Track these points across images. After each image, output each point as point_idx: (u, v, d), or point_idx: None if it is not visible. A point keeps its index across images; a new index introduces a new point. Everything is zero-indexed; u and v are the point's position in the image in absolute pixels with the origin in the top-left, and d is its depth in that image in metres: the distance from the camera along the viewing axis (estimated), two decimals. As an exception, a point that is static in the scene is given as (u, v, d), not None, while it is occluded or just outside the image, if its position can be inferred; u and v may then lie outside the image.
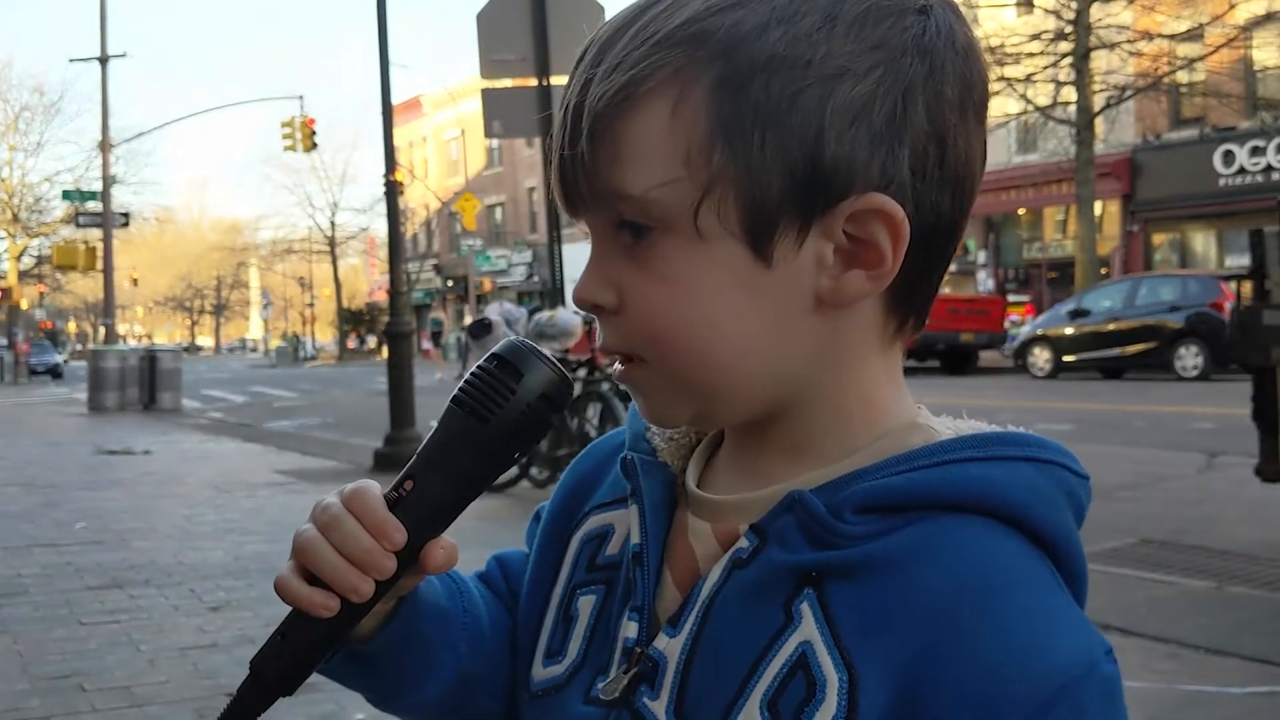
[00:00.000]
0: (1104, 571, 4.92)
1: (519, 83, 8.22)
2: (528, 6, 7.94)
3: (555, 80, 7.87)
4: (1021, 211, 30.52)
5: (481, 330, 7.97)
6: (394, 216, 11.01)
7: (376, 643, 0.75)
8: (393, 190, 10.85)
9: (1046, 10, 23.49)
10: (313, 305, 71.79)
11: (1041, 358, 19.30)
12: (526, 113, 7.94)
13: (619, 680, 0.70)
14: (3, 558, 6.12)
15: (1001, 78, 22.16)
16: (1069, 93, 23.11)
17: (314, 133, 27.84)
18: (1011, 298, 27.49)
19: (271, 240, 67.31)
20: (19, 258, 42.69)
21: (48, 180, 44.78)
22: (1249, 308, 5.46)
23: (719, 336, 0.65)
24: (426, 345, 37.81)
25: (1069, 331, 18.93)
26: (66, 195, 30.23)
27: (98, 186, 28.38)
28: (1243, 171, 25.06)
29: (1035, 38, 23.27)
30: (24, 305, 42.43)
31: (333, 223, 57.14)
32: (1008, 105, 24.67)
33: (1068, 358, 18.85)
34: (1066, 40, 22.73)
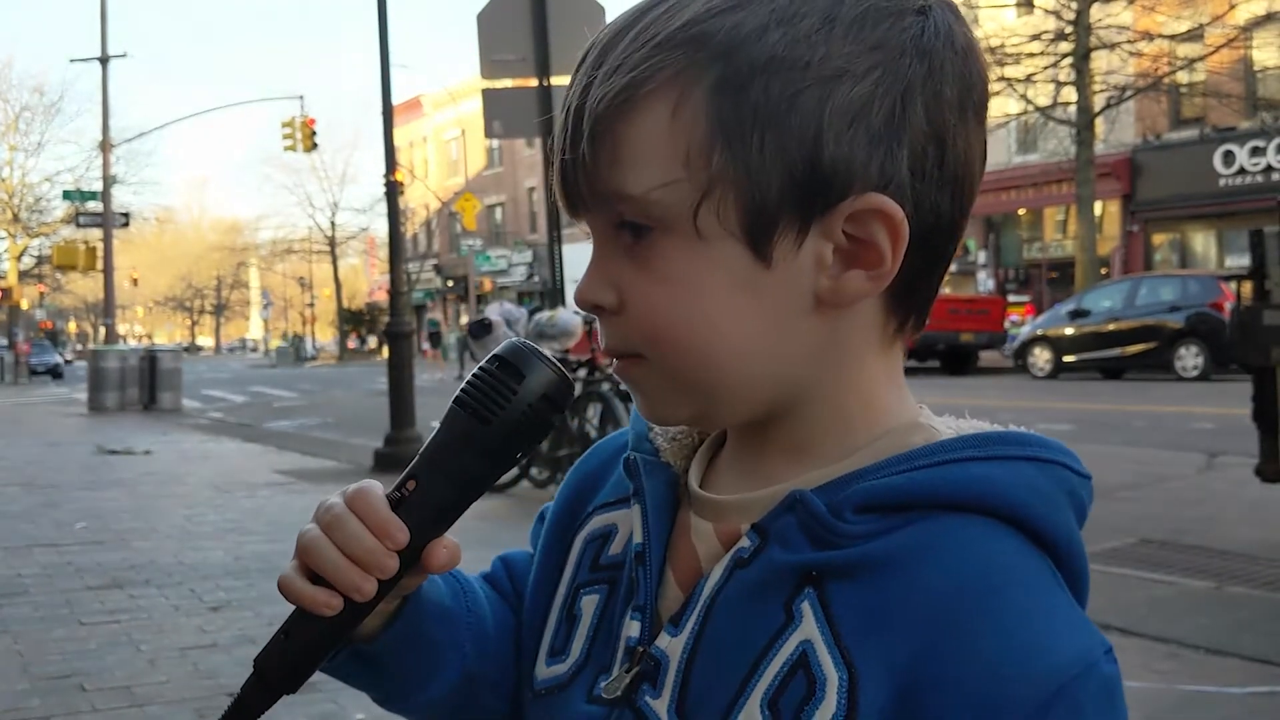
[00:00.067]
0: (1104, 571, 4.92)
1: (519, 83, 8.22)
2: (528, 7, 7.94)
3: (555, 81, 7.87)
4: (1021, 212, 30.51)
5: (481, 330, 7.96)
6: (394, 216, 11.02)
7: (381, 642, 0.76)
8: (393, 190, 10.86)
9: (1047, 10, 23.50)
10: (313, 305, 71.79)
11: (1042, 358, 19.29)
12: (527, 113, 7.94)
13: (621, 679, 0.70)
14: (3, 558, 6.12)
15: (1002, 78, 22.15)
16: (1069, 93, 23.11)
17: (314, 133, 27.87)
18: (1011, 298, 27.49)
19: (271, 240, 67.42)
20: (19, 258, 42.71)
21: (48, 180, 44.87)
22: (1249, 308, 5.46)
23: (719, 336, 0.65)
24: (425, 346, 37.80)
25: (1069, 332, 18.92)
26: (67, 195, 30.24)
27: (98, 186, 28.41)
28: (1243, 172, 25.05)
29: (1035, 38, 23.27)
30: (24, 305, 42.43)
31: (333, 223, 57.16)
32: (1008, 105, 24.67)
33: (1068, 358, 18.84)
34: (1067, 40, 22.73)
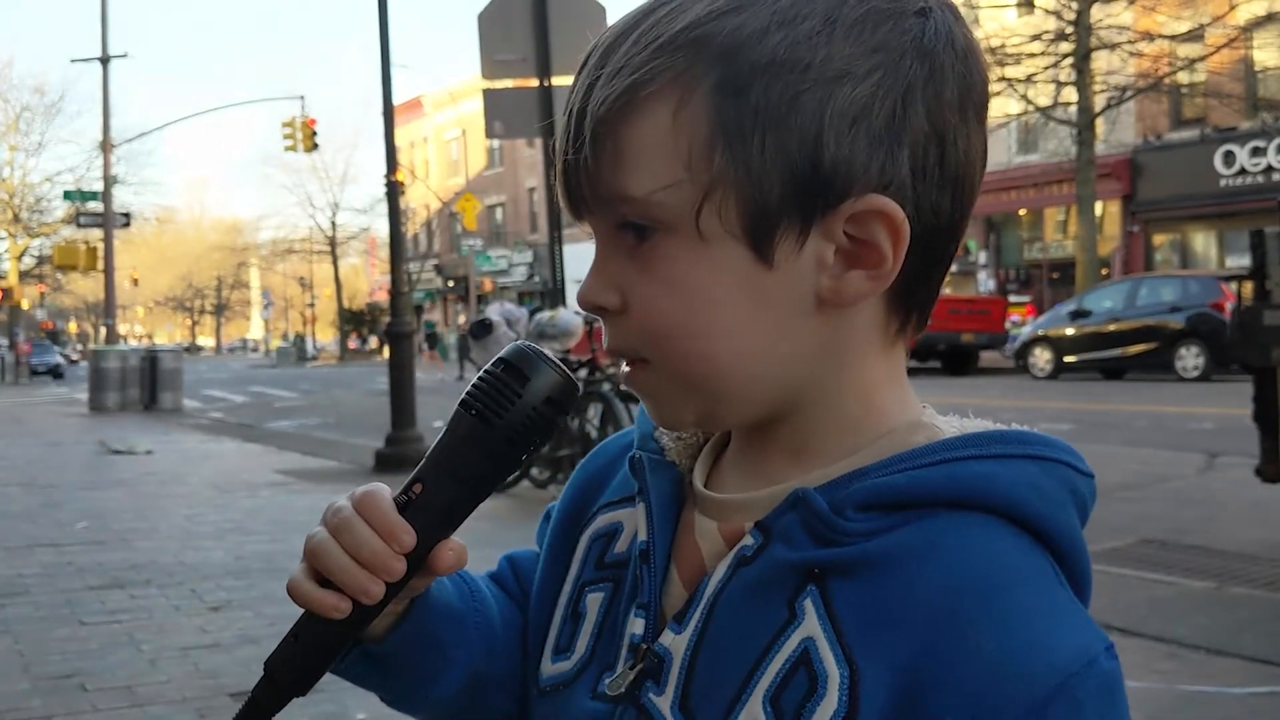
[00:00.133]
0: (1104, 571, 4.92)
1: (520, 83, 8.23)
2: (529, 7, 7.94)
3: (556, 81, 7.88)
4: (1022, 212, 30.51)
5: (482, 330, 7.95)
6: (395, 217, 11.02)
7: (389, 643, 0.76)
8: (394, 190, 10.86)
9: (1047, 11, 23.48)
10: (313, 305, 71.74)
11: (1042, 358, 19.28)
12: (527, 113, 7.95)
13: (625, 676, 0.70)
14: (4, 558, 6.12)
15: (1002, 78, 22.14)
16: (1070, 93, 23.10)
17: (315, 133, 27.88)
18: (1012, 298, 27.46)
19: (272, 240, 67.32)
20: (20, 258, 42.72)
21: (49, 180, 44.91)
22: (1249, 308, 5.46)
23: (721, 336, 0.65)
24: (423, 346, 37.79)
25: (1070, 332, 18.91)
26: (67, 195, 30.21)
27: (99, 186, 28.41)
28: (1243, 172, 25.04)
29: (1036, 38, 23.26)
30: (25, 305, 42.44)
31: (333, 223, 57.11)
32: (1008, 106, 24.66)
33: (1068, 358, 18.83)
34: (1067, 41, 22.72)
